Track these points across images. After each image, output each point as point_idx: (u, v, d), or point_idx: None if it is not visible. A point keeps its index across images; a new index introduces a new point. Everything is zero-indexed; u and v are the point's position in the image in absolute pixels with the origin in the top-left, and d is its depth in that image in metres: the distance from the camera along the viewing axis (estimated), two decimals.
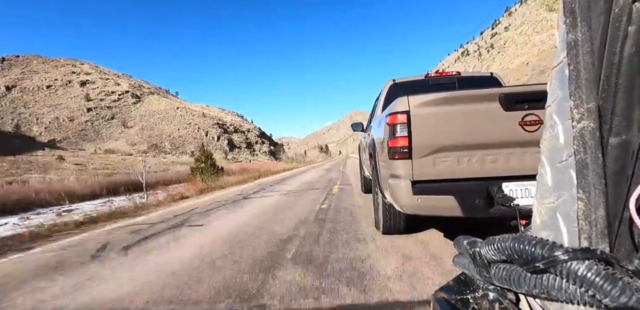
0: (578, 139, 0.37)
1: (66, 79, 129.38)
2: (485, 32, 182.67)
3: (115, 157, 75.87)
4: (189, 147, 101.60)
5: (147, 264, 2.80)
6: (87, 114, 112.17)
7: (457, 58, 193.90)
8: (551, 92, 0.41)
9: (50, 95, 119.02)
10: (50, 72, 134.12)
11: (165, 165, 60.64)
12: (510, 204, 1.91)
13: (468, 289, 0.52)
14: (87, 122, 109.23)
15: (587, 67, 0.36)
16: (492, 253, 0.40)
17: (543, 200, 0.42)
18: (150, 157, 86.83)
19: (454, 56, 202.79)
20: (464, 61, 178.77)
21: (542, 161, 0.43)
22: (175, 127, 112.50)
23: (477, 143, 2.04)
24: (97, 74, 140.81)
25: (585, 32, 0.36)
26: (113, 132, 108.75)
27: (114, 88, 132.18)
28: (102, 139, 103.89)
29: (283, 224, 4.11)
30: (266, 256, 2.77)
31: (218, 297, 1.97)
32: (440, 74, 4.10)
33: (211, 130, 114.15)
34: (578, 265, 0.30)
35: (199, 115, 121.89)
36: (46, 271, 2.80)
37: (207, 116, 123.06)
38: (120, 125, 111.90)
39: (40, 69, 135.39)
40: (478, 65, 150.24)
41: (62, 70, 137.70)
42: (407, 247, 2.73)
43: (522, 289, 0.37)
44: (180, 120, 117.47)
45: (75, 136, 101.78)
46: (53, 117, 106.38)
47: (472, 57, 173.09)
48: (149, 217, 5.60)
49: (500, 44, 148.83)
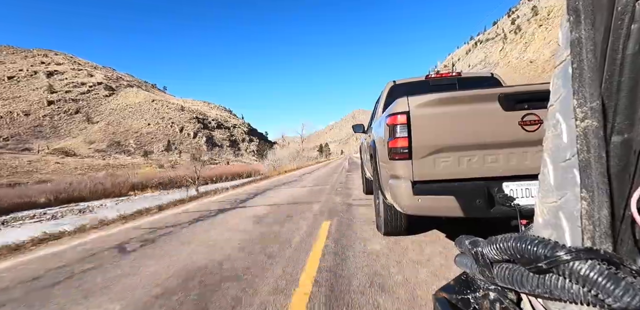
0: (581, 138, 0.36)
1: (33, 69, 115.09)
2: (501, 21, 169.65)
3: (54, 158, 59.83)
4: (157, 146, 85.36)
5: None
6: (47, 108, 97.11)
7: (468, 50, 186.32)
8: (554, 90, 0.41)
9: (10, 87, 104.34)
10: (17, 62, 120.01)
11: (94, 169, 44.50)
12: (510, 203, 1.93)
13: (469, 289, 0.51)
14: (46, 116, 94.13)
15: (591, 65, 0.35)
16: (495, 253, 0.39)
17: (545, 200, 0.41)
18: (97, 158, 70.73)
19: (464, 49, 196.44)
20: (482, 47, 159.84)
21: (544, 160, 0.42)
22: (146, 122, 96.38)
23: (477, 143, 2.03)
24: (70, 65, 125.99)
25: (588, 30, 0.36)
26: (74, 128, 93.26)
27: (86, 79, 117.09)
28: (58, 136, 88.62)
29: None
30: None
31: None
32: (440, 74, 4.08)
33: (188, 125, 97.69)
34: (581, 265, 0.30)
35: (177, 109, 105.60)
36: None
37: (185, 110, 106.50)
38: (84, 121, 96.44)
39: (7, 60, 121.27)
40: (509, 47, 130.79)
41: (30, 60, 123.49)
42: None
43: (524, 289, 0.36)
44: (153, 114, 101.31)
45: (27, 133, 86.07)
46: (6, 112, 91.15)
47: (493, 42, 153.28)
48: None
49: (538, 21, 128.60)
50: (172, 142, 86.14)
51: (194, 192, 8.39)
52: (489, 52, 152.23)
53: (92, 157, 69.24)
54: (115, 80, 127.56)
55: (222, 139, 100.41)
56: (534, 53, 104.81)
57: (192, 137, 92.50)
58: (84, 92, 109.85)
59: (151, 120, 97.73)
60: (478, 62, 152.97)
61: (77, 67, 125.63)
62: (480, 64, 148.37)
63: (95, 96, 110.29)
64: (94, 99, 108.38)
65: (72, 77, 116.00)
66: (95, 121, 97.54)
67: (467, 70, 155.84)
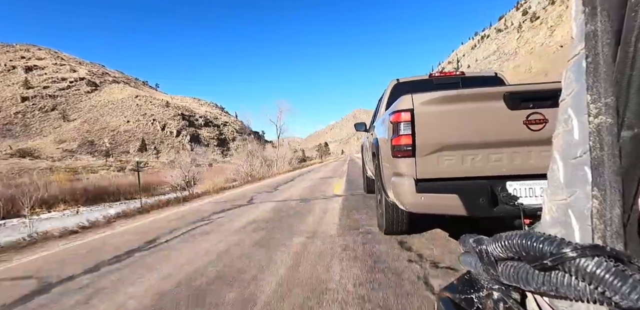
0: (594, 135, 0.35)
1: (11, 64, 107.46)
2: (508, 15, 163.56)
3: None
4: (133, 145, 76.70)
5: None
6: (21, 105, 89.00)
7: (473, 45, 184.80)
8: (566, 85, 0.39)
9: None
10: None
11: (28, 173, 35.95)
12: (514, 203, 1.92)
13: (472, 289, 0.51)
14: (18, 114, 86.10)
15: (607, 59, 0.34)
16: (499, 250, 0.39)
17: (554, 197, 0.41)
18: (55, 159, 62.24)
19: (469, 45, 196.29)
20: (494, 39, 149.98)
21: (554, 157, 0.41)
22: (125, 119, 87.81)
23: (481, 142, 2.02)
24: (52, 60, 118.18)
25: (605, 22, 0.34)
26: (47, 126, 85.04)
27: (67, 75, 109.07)
28: (28, 135, 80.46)
29: None
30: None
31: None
32: (444, 73, 4.07)
33: (171, 122, 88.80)
34: (587, 262, 0.29)
35: (161, 105, 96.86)
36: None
37: (170, 106, 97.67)
38: (59, 118, 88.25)
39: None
40: (529, 34, 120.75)
41: (11, 55, 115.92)
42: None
43: (530, 287, 0.36)
44: (134, 110, 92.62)
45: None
46: None
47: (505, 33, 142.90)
48: None
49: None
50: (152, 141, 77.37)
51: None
52: (502, 43, 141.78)
53: (50, 159, 60.70)
54: (100, 76, 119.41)
55: (208, 138, 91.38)
56: (562, 37, 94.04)
57: (175, 136, 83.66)
58: (64, 87, 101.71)
59: (131, 117, 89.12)
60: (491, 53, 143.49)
61: (60, 62, 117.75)
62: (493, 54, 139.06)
63: (76, 92, 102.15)
64: (73, 96, 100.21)
65: (52, 73, 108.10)
66: (72, 119, 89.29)
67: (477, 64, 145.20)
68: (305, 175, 14.16)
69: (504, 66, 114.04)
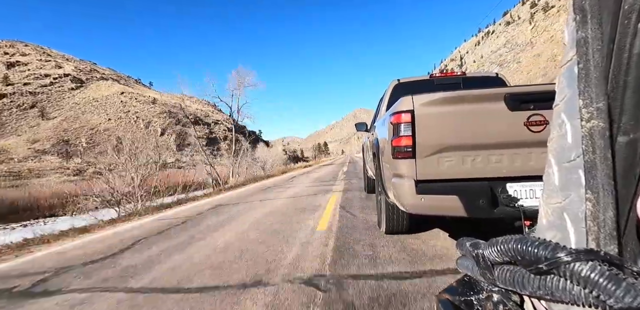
0: (587, 139, 0.36)
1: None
2: (513, 10, 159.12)
3: None
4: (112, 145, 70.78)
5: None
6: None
7: (477, 42, 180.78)
8: (559, 90, 0.40)
9: None
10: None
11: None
12: (514, 204, 1.92)
13: (472, 291, 0.51)
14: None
15: (597, 65, 0.35)
16: (495, 255, 0.39)
17: (550, 200, 0.41)
18: (17, 161, 56.04)
19: (472, 42, 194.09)
20: (504, 30, 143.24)
21: (549, 160, 0.42)
22: (107, 117, 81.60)
23: (481, 143, 2.03)
24: (37, 56, 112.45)
25: (595, 29, 0.35)
26: (23, 125, 78.93)
27: (51, 71, 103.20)
28: (2, 134, 74.70)
29: None
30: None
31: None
32: (445, 74, 4.10)
33: (156, 120, 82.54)
34: (582, 266, 0.30)
35: (146, 102, 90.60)
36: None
37: (157, 103, 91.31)
38: (38, 116, 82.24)
39: None
40: (546, 23, 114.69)
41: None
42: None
43: (526, 291, 0.36)
44: (117, 108, 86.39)
45: None
46: None
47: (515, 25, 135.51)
48: None
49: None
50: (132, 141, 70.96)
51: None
52: (511, 36, 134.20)
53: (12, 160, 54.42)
54: (88, 73, 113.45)
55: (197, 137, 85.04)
56: None
57: (160, 134, 77.28)
58: (46, 84, 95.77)
59: (113, 115, 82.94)
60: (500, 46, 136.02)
61: (45, 58, 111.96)
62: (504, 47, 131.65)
63: (59, 89, 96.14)
64: (56, 92, 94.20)
65: (35, 69, 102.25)
66: (52, 117, 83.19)
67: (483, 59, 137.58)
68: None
69: (521, 56, 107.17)
